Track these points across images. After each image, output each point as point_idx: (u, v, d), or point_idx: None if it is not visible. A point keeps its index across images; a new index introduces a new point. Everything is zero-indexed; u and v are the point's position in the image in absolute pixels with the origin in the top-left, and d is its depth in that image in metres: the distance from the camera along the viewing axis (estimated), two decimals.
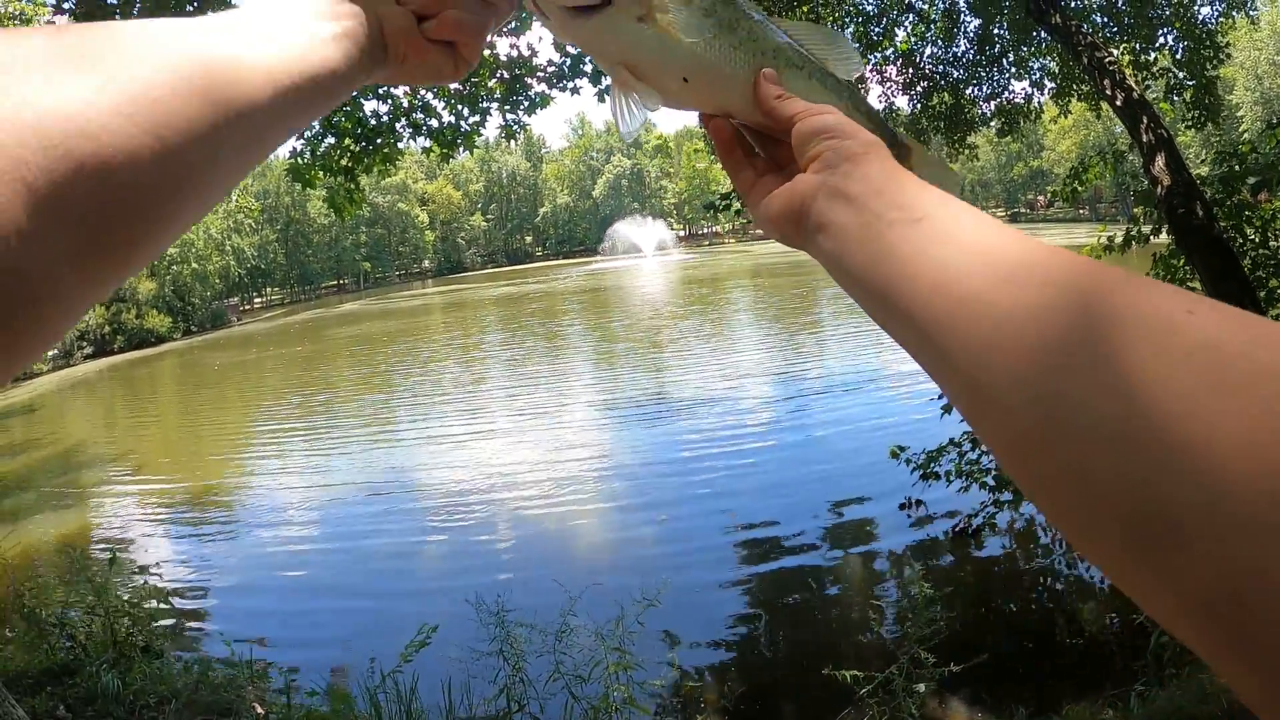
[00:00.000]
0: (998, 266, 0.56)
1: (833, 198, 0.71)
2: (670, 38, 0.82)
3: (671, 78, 0.85)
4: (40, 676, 6.15)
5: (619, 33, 0.82)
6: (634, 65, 0.84)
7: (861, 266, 0.66)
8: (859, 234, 0.67)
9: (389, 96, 8.42)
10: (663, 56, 0.83)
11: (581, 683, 5.28)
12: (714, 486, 11.05)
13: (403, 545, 10.29)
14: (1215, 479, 0.39)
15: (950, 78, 13.07)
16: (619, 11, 0.81)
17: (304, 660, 7.14)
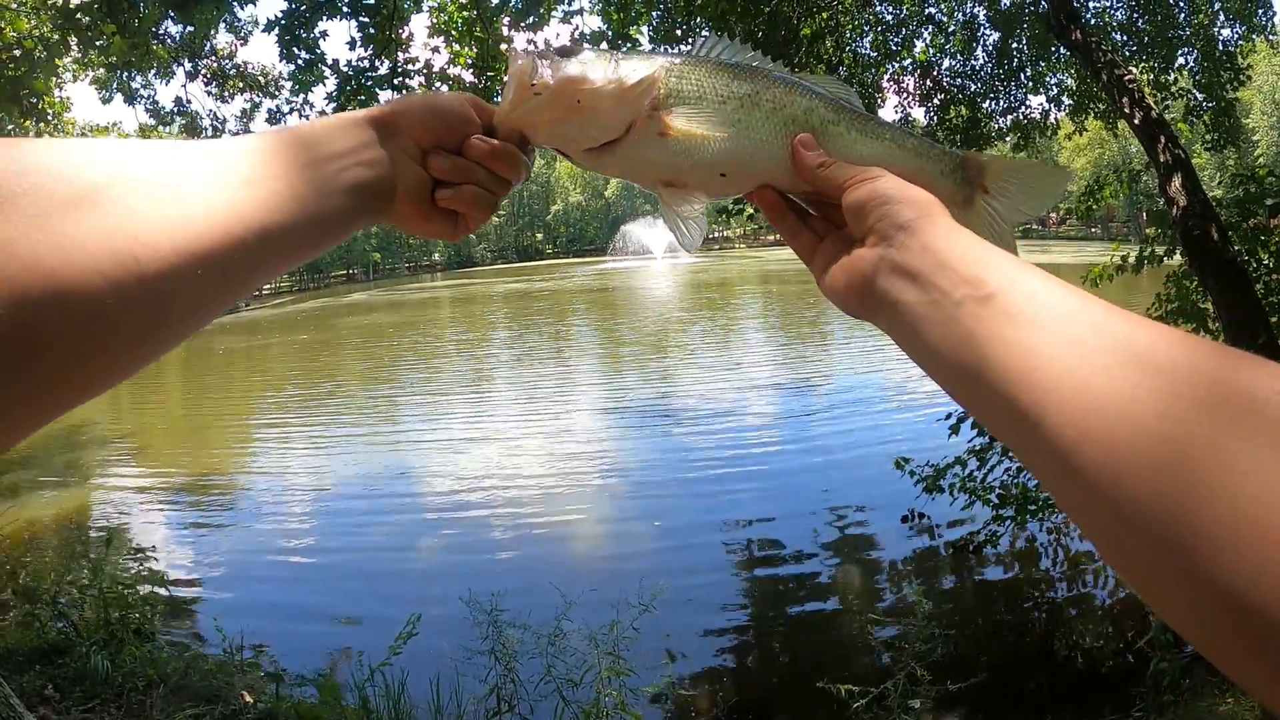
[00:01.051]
0: (1078, 345, 0.54)
1: (894, 274, 0.70)
2: (696, 142, 0.83)
3: (710, 178, 0.86)
4: (30, 655, 6.13)
5: (647, 155, 0.84)
6: (672, 179, 0.86)
7: (936, 348, 0.65)
8: (928, 314, 0.66)
9: (404, 87, 8.40)
10: (695, 162, 0.84)
11: (573, 686, 5.24)
12: (715, 493, 11.00)
13: (400, 540, 10.24)
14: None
15: (967, 91, 13.03)
16: (640, 135, 0.83)
17: (295, 650, 7.12)
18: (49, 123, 12.02)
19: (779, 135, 0.85)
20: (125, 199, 0.55)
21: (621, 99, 0.81)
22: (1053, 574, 8.43)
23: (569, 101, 0.80)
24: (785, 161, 0.85)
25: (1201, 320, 7.46)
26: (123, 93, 9.59)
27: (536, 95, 0.80)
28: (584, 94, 0.80)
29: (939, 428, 8.40)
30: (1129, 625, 6.94)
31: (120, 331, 0.54)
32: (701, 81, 0.84)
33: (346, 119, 0.77)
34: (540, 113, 0.81)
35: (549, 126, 0.82)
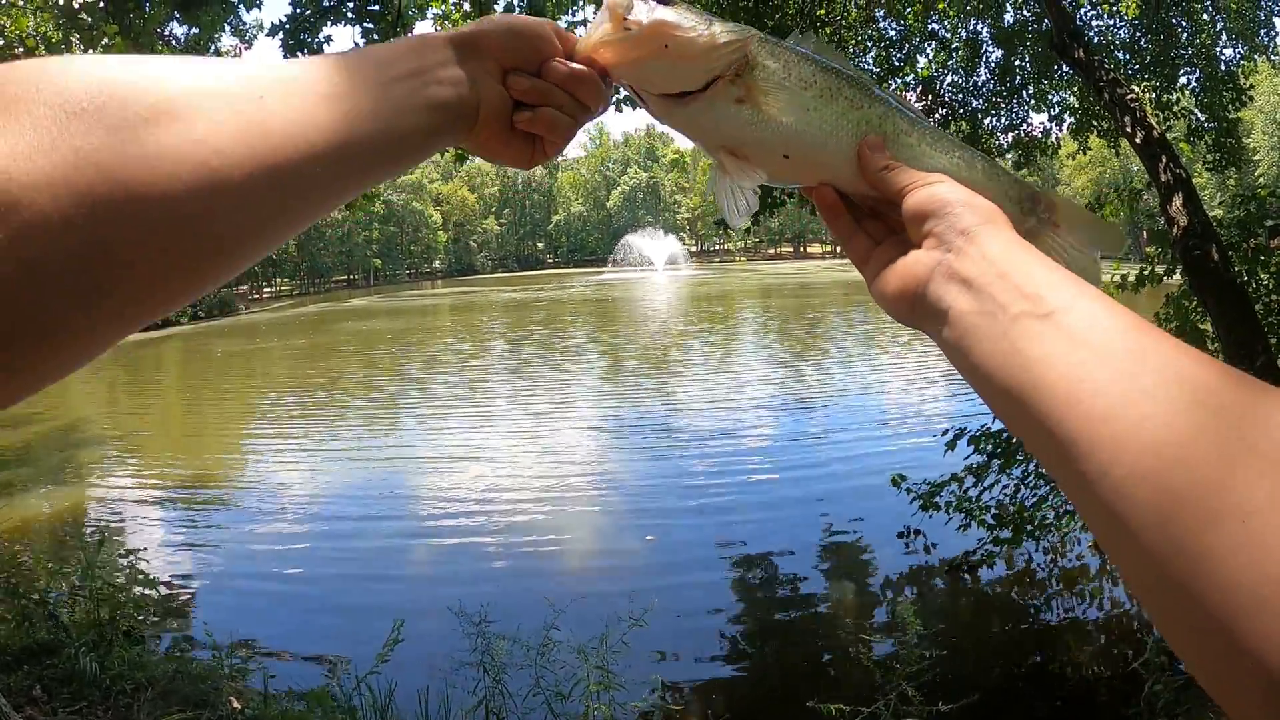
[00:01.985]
0: (1139, 377, 0.51)
1: (949, 280, 0.68)
2: (769, 117, 0.82)
3: (773, 156, 0.85)
4: (19, 654, 6.10)
5: (718, 116, 0.83)
6: (735, 148, 0.84)
7: (985, 363, 0.62)
8: (981, 325, 0.63)
9: None
10: (763, 136, 0.83)
11: (562, 699, 5.22)
12: (709, 506, 10.98)
13: (392, 548, 10.23)
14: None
15: (969, 107, 13.04)
16: (717, 96, 0.82)
17: (285, 656, 7.09)
18: None
19: (850, 132, 0.84)
20: (204, 111, 0.54)
21: (709, 53, 0.80)
22: (1047, 593, 8.41)
23: (658, 44, 0.80)
24: (851, 159, 0.84)
25: (1200, 341, 7.46)
26: None
27: (626, 31, 0.80)
28: (674, 40, 0.79)
29: (937, 445, 8.39)
30: (1124, 646, 6.92)
31: (200, 246, 0.54)
32: (788, 62, 0.84)
33: (425, 38, 0.76)
34: (626, 49, 0.81)
35: (632, 64, 0.82)
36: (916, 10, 11.83)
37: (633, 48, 0.80)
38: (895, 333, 25.54)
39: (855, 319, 33.39)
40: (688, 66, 0.80)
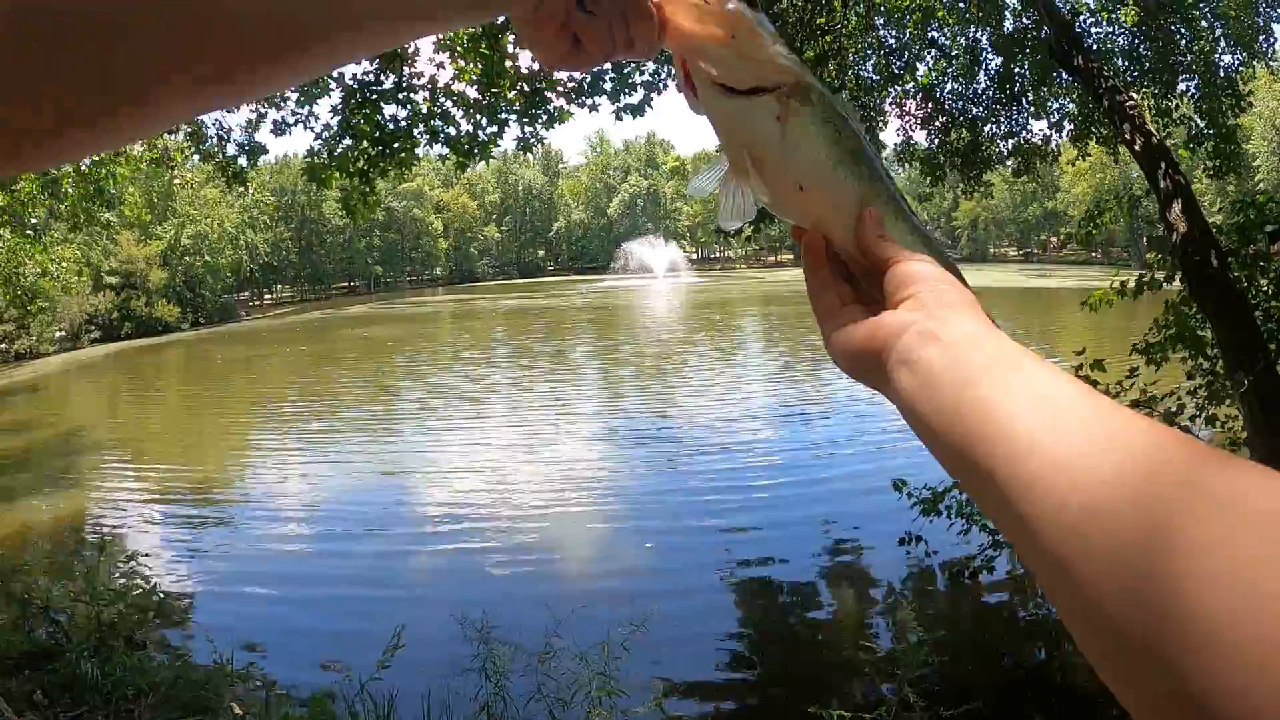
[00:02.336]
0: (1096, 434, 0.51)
1: (923, 337, 0.67)
2: (800, 144, 0.83)
3: (789, 181, 0.85)
4: (20, 659, 6.11)
5: (754, 122, 0.84)
6: (759, 158, 0.85)
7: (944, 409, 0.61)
8: (947, 372, 0.63)
9: (408, 101, 8.41)
10: (789, 158, 0.84)
11: (564, 706, 5.21)
12: (711, 514, 10.98)
13: (393, 554, 10.24)
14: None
15: (969, 114, 13.05)
16: (760, 104, 0.83)
17: (286, 663, 7.10)
18: None
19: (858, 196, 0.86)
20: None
21: (767, 62, 0.82)
22: (1050, 600, 8.38)
23: (726, 29, 0.80)
24: (850, 218, 0.86)
25: (1199, 347, 7.46)
26: None
27: (705, 3, 0.80)
28: (743, 34, 0.81)
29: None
30: None
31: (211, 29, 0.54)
32: (833, 112, 0.85)
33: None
34: (696, 16, 0.81)
35: (691, 34, 0.81)
36: (916, 18, 11.85)
37: (702, 19, 0.81)
38: None
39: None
40: (743, 64, 0.81)
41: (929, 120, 13.20)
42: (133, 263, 54.93)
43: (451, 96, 8.44)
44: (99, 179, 12.54)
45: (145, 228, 52.40)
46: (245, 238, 72.36)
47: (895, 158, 14.30)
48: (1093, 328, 22.67)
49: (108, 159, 12.57)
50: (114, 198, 13.40)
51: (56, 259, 17.01)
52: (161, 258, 58.61)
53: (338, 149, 8.50)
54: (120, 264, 54.35)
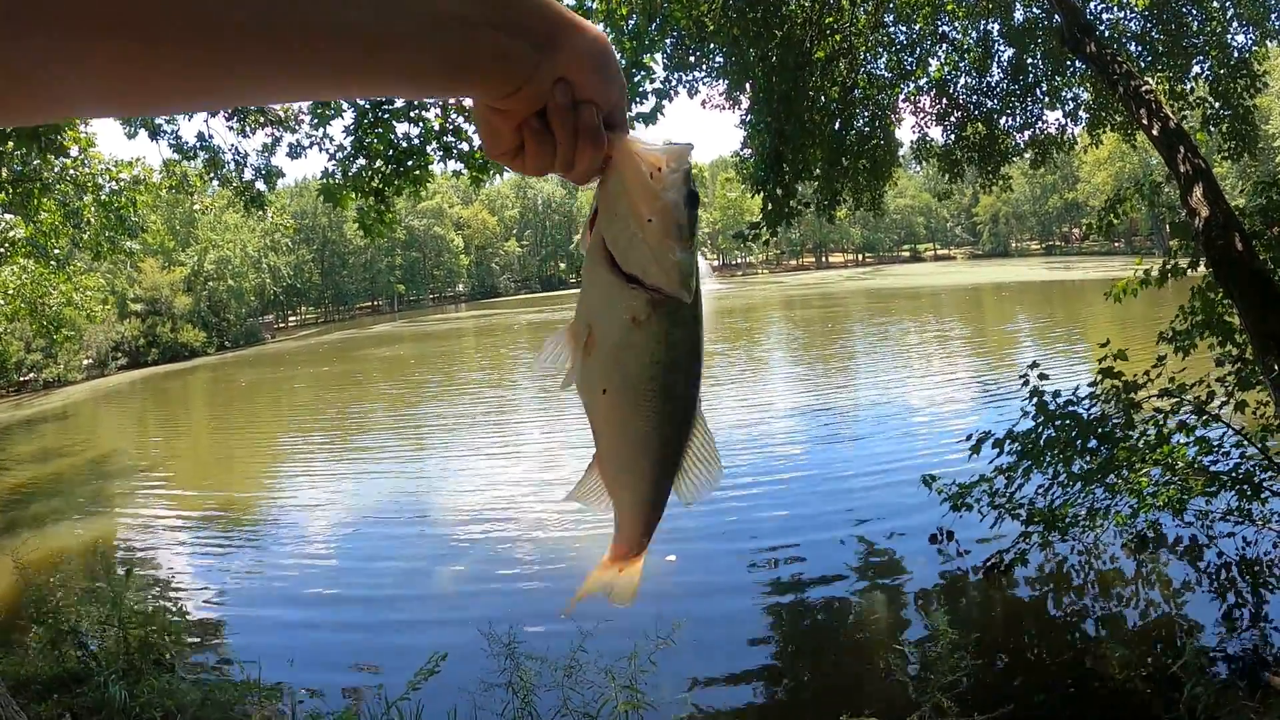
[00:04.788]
0: None
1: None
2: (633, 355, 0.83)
3: (602, 377, 0.85)
4: (49, 683, 6.14)
5: (613, 306, 0.82)
6: (593, 340, 0.84)
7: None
8: None
9: (420, 119, 8.41)
10: (616, 358, 0.83)
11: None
12: (738, 516, 10.90)
13: (421, 570, 10.22)
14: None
15: (984, 108, 12.97)
16: (631, 295, 0.81)
17: (314, 682, 7.09)
18: (73, 158, 12.16)
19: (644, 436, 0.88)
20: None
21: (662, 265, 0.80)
22: (1084, 597, 8.27)
23: (649, 212, 0.80)
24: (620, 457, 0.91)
25: (1228, 333, 7.35)
26: (147, 129, 9.64)
27: (651, 176, 0.79)
28: (659, 227, 0.80)
29: (965, 451, 8.26)
30: (1161, 649, 6.80)
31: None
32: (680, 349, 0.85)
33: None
34: (634, 181, 0.80)
35: (618, 192, 0.81)
36: (926, 13, 11.79)
37: (639, 187, 0.79)
38: (920, 341, 25.41)
39: (878, 327, 33.26)
40: (639, 249, 0.80)
41: (944, 116, 13.14)
42: (157, 289, 55.49)
43: (463, 112, 8.43)
44: (119, 207, 12.63)
45: (169, 254, 52.91)
46: (268, 261, 73.03)
47: (912, 155, 14.21)
48: (1119, 319, 22.50)
49: (127, 188, 12.68)
50: (135, 226, 13.51)
51: (80, 288, 17.17)
52: (185, 283, 59.16)
53: (352, 169, 8.51)
54: (145, 291, 54.91)
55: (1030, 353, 22.74)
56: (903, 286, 59.12)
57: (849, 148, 11.73)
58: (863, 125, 12.16)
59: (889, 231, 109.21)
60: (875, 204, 13.00)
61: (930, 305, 43.05)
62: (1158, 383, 7.40)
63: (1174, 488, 7.47)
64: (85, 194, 12.52)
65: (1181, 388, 7.28)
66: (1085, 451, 7.46)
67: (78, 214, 12.79)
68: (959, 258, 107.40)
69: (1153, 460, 7.34)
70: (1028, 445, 7.67)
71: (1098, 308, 31.37)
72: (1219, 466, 7.49)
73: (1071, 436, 7.44)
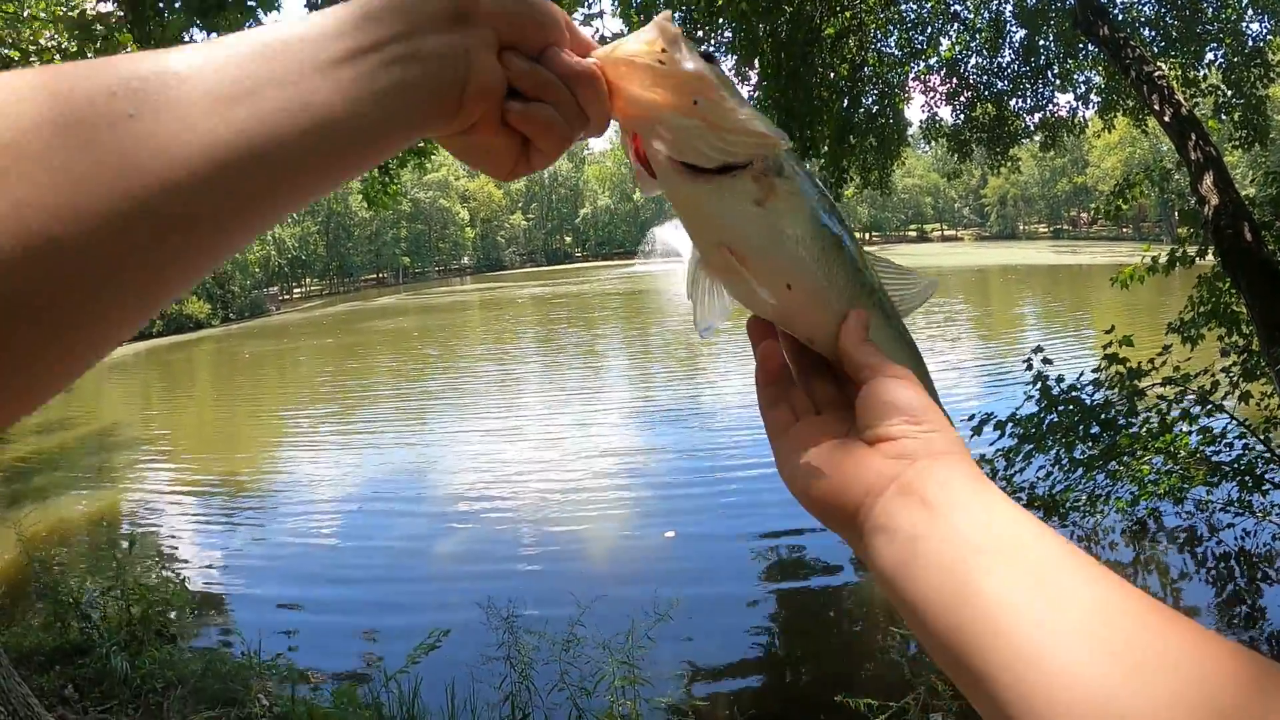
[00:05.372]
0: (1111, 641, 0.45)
1: (906, 496, 0.59)
2: (787, 232, 0.72)
3: (777, 279, 0.73)
4: (52, 654, 6.16)
5: (730, 210, 0.71)
6: (740, 253, 0.72)
7: (930, 595, 0.54)
8: (934, 552, 0.55)
9: None
10: (776, 253, 0.72)
11: (587, 695, 5.18)
12: (737, 499, 10.89)
13: (422, 543, 10.24)
14: None
15: (994, 89, 12.91)
16: (734, 187, 0.70)
17: (314, 655, 7.10)
18: None
19: (847, 293, 0.75)
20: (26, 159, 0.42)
21: (737, 132, 0.69)
22: None
23: (689, 94, 0.68)
24: (835, 318, 0.75)
25: (1234, 323, 7.33)
26: None
27: (660, 65, 0.67)
28: (708, 100, 0.68)
29: (964, 431, 8.27)
30: None
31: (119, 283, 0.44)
32: (823, 192, 0.75)
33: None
34: (654, 80, 0.68)
35: (648, 103, 0.68)
36: None
37: (660, 82, 0.68)
38: (927, 323, 25.38)
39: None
40: (709, 136, 0.69)
41: (954, 95, 13.09)
42: None
43: None
44: None
45: None
46: (273, 232, 72.90)
47: (921, 135, 14.16)
48: (1125, 305, 22.46)
49: None
50: None
51: None
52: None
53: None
54: None
55: (1034, 336, 22.68)
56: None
57: (857, 125, 11.69)
58: (871, 103, 12.10)
59: (896, 211, 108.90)
60: (883, 182, 12.98)
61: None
62: (1162, 371, 7.39)
63: (1175, 476, 7.48)
64: None
65: (1186, 377, 7.28)
66: (1088, 437, 7.46)
67: None
68: (966, 239, 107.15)
69: (1155, 448, 7.35)
70: (1030, 429, 7.68)
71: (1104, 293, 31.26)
72: (1221, 457, 7.49)
73: (1074, 421, 7.44)
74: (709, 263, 0.75)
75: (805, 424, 0.72)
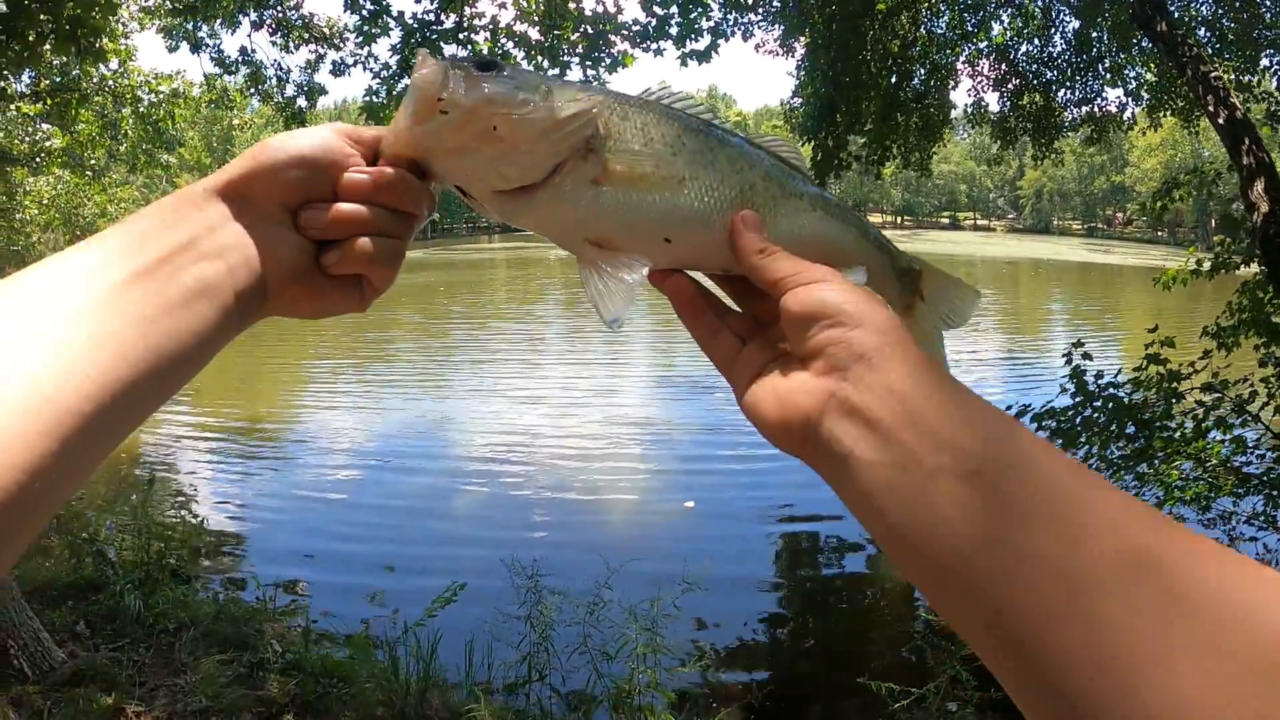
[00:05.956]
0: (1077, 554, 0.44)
1: (847, 418, 0.56)
2: (638, 197, 0.68)
3: (653, 242, 0.70)
4: (65, 590, 6.19)
5: (573, 205, 0.68)
6: (604, 238, 0.69)
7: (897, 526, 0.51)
8: (890, 480, 0.52)
9: (469, 42, 8.26)
10: (636, 220, 0.69)
11: (608, 660, 5.14)
12: (764, 474, 10.78)
13: (444, 497, 10.23)
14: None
15: (1043, 78, 12.70)
16: (566, 179, 0.67)
17: (329, 603, 7.12)
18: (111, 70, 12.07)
19: (731, 203, 0.71)
20: None
21: (551, 133, 0.66)
22: None
23: (483, 127, 0.65)
24: (726, 232, 0.71)
25: (1274, 334, 7.21)
26: (188, 41, 9.56)
27: (443, 115, 0.64)
28: (504, 121, 0.64)
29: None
30: None
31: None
32: (648, 126, 0.70)
33: (181, 197, 0.60)
34: (444, 137, 0.65)
35: (453, 157, 0.66)
36: None
37: (452, 134, 0.65)
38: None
39: None
40: (526, 153, 0.66)
41: (1002, 82, 12.88)
42: None
43: (513, 37, 8.26)
44: (158, 119, 12.58)
45: (205, 171, 52.85)
46: None
47: (966, 119, 13.96)
48: (1155, 308, 22.22)
49: (166, 101, 12.62)
50: (173, 139, 13.45)
51: (116, 199, 17.14)
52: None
53: (397, 88, 8.39)
54: None
55: (1063, 332, 22.49)
56: (941, 254, 58.59)
57: (904, 103, 11.54)
58: (919, 83, 11.95)
59: (930, 196, 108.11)
60: (924, 164, 12.87)
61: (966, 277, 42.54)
62: (1202, 375, 7.29)
63: (1203, 484, 7.37)
64: (124, 106, 12.46)
65: (1225, 384, 7.16)
66: (1122, 436, 7.37)
67: (115, 125, 12.73)
68: (998, 229, 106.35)
69: (1186, 454, 7.24)
70: (1064, 423, 7.59)
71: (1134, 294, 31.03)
72: (1251, 469, 7.38)
73: (1110, 418, 7.34)
74: (583, 259, 0.71)
75: (751, 349, 0.69)
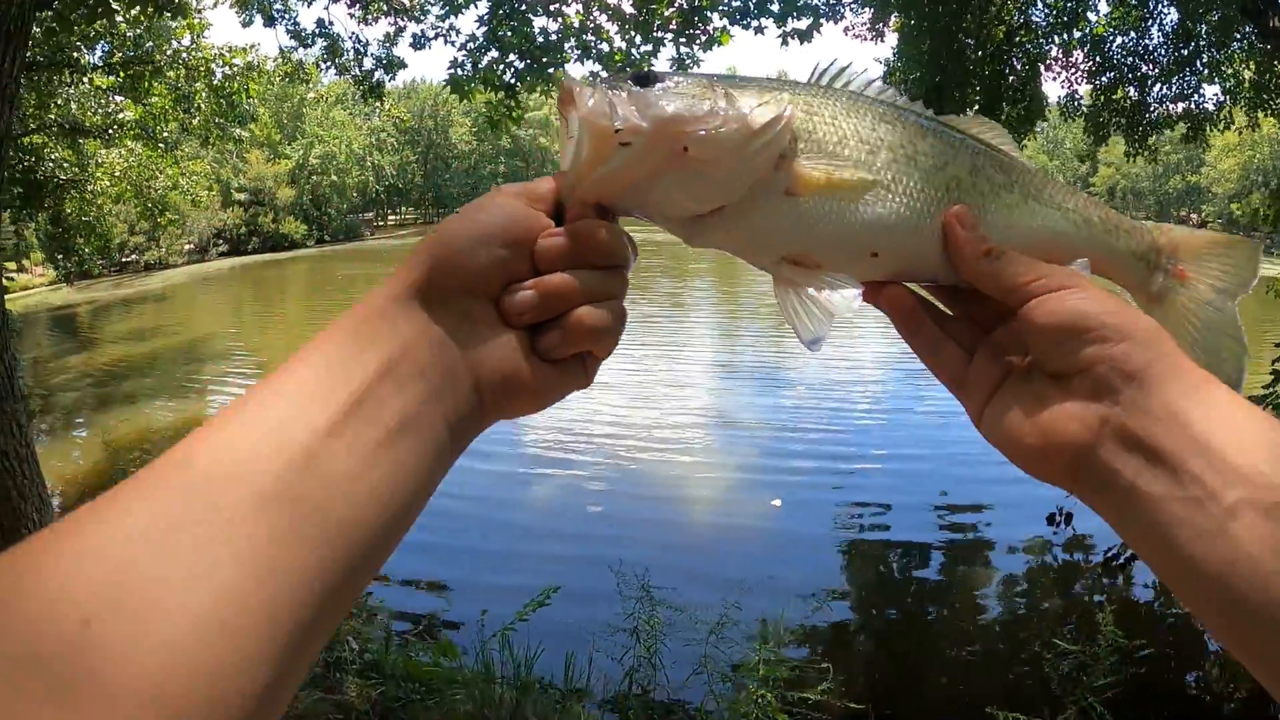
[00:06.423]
0: None
1: (1125, 448, 0.52)
2: (837, 203, 0.62)
3: (855, 257, 0.64)
4: None
5: (766, 222, 0.62)
6: (802, 255, 0.64)
7: (1196, 567, 0.47)
8: (1185, 518, 0.48)
9: (560, 14, 8.02)
10: (836, 232, 0.62)
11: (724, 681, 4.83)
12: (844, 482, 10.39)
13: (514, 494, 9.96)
14: None
15: (1138, 72, 12.24)
16: (758, 194, 0.61)
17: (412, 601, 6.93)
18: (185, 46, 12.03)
19: (938, 204, 0.64)
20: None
21: (747, 146, 0.59)
22: None
23: (671, 151, 0.58)
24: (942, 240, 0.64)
25: None
26: (263, 15, 9.46)
27: (624, 148, 0.58)
28: (694, 141, 0.58)
29: None
30: None
31: None
32: (840, 122, 0.63)
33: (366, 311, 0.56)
34: (631, 171, 0.58)
35: (641, 190, 0.60)
36: None
37: (637, 165, 0.58)
38: None
39: None
40: (721, 173, 0.59)
41: (1096, 74, 12.45)
42: (261, 180, 56.28)
43: (605, 10, 8.01)
44: (231, 93, 12.56)
45: (274, 147, 53.56)
46: (372, 159, 73.73)
47: (1059, 112, 13.51)
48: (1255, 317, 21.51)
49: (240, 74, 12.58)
50: (245, 113, 13.48)
51: (187, 173, 17.26)
52: (290, 176, 59.89)
53: (483, 61, 8.16)
54: (250, 181, 55.69)
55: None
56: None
57: (1006, 93, 11.16)
58: (1020, 71, 11.55)
59: None
60: None
61: None
62: None
63: None
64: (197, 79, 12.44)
65: None
66: None
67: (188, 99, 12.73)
68: None
69: None
70: None
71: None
72: None
73: None
74: (780, 278, 0.66)
75: (980, 362, 0.63)
